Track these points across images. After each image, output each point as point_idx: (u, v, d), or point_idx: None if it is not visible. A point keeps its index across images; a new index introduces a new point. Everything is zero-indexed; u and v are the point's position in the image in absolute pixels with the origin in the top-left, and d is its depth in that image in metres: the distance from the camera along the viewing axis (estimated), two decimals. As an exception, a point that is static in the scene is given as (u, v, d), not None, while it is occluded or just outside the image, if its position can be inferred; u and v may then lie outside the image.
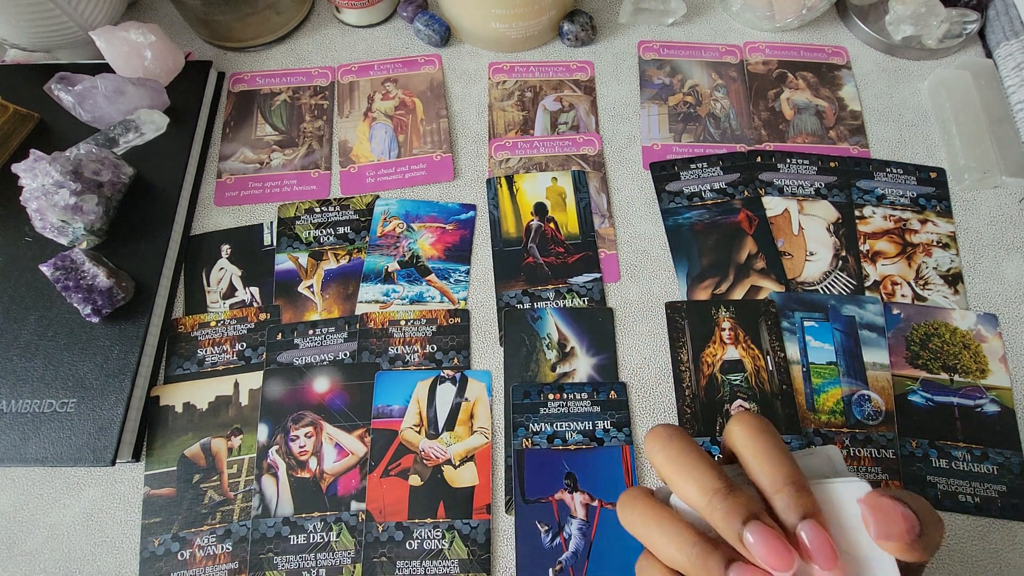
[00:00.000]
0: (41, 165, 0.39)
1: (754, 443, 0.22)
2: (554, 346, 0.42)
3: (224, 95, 0.51)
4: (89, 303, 0.38)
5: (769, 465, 0.22)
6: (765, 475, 0.21)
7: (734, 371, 0.41)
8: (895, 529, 0.20)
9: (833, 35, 0.53)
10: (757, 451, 0.22)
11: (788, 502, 0.21)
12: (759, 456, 0.22)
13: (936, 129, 0.49)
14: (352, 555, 0.37)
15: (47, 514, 0.39)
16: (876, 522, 0.20)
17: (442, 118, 0.49)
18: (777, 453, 0.22)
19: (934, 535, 0.21)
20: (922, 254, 0.44)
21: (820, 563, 0.20)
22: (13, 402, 0.38)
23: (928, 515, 0.21)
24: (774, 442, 0.22)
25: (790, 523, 0.20)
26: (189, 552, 0.37)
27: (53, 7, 0.44)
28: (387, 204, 0.46)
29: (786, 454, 0.22)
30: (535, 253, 0.44)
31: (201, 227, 0.46)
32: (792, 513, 0.20)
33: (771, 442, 0.22)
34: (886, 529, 0.20)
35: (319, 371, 0.41)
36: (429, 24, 0.51)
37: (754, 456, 0.22)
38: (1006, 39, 0.49)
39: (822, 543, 0.20)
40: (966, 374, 0.40)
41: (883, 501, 0.20)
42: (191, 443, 0.39)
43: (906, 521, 0.20)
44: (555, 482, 0.38)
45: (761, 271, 0.43)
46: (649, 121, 0.49)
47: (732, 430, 0.23)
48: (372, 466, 0.39)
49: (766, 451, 0.22)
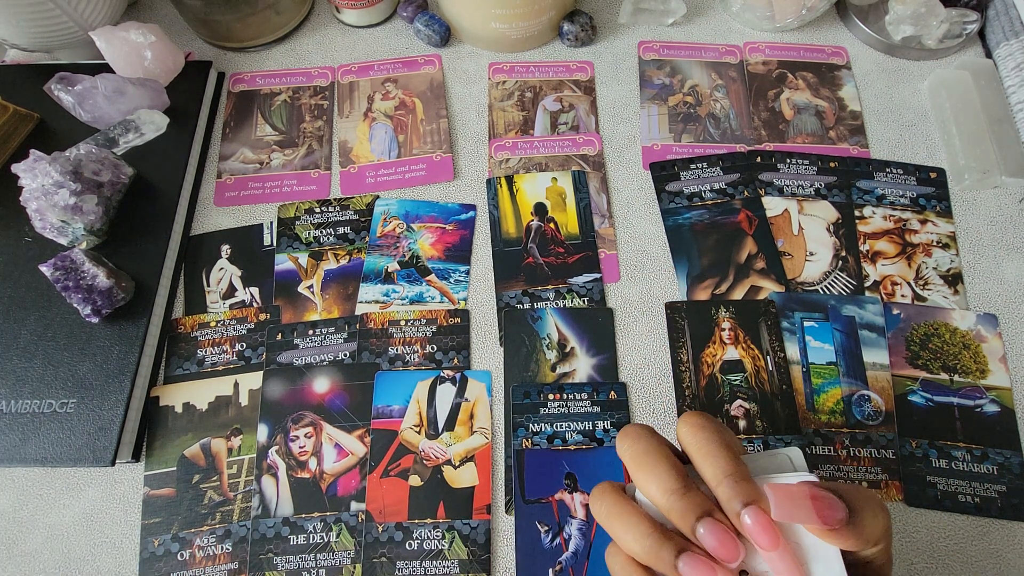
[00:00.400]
0: (41, 165, 0.39)
1: (695, 440, 0.24)
2: (554, 346, 0.42)
3: (224, 95, 0.51)
4: (89, 303, 0.38)
5: (710, 459, 0.23)
6: (706, 470, 0.23)
7: (734, 371, 0.41)
8: (800, 514, 0.21)
9: (833, 35, 0.53)
10: (699, 447, 0.23)
11: (729, 492, 0.22)
12: (700, 452, 0.23)
13: (936, 129, 0.49)
14: (352, 555, 0.37)
15: (47, 514, 0.39)
16: (776, 507, 0.21)
17: (442, 118, 0.49)
18: (716, 448, 0.23)
19: (871, 524, 0.22)
20: (922, 254, 0.44)
21: (762, 544, 0.21)
22: (13, 402, 0.38)
23: (864, 504, 0.22)
24: (714, 437, 0.23)
25: (733, 511, 0.22)
26: (189, 552, 0.37)
27: (53, 7, 0.44)
28: (387, 204, 0.46)
29: (725, 448, 0.23)
30: (535, 253, 0.44)
31: (201, 227, 0.46)
32: (734, 502, 0.22)
33: (711, 437, 0.23)
34: (790, 513, 0.21)
35: (319, 371, 0.41)
36: (429, 24, 0.51)
37: (696, 452, 0.23)
38: (1006, 39, 0.49)
39: (763, 527, 0.21)
40: (966, 374, 0.40)
41: (791, 488, 0.21)
42: (191, 443, 0.39)
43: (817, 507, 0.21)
44: (555, 482, 0.38)
45: (761, 271, 0.43)
46: (649, 121, 0.49)
47: (678, 430, 0.25)
48: (372, 466, 0.39)
49: (706, 446, 0.23)
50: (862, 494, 0.22)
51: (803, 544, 0.22)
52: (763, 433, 0.39)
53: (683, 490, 0.22)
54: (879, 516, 0.22)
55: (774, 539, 0.21)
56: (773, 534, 0.21)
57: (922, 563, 0.37)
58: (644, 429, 0.25)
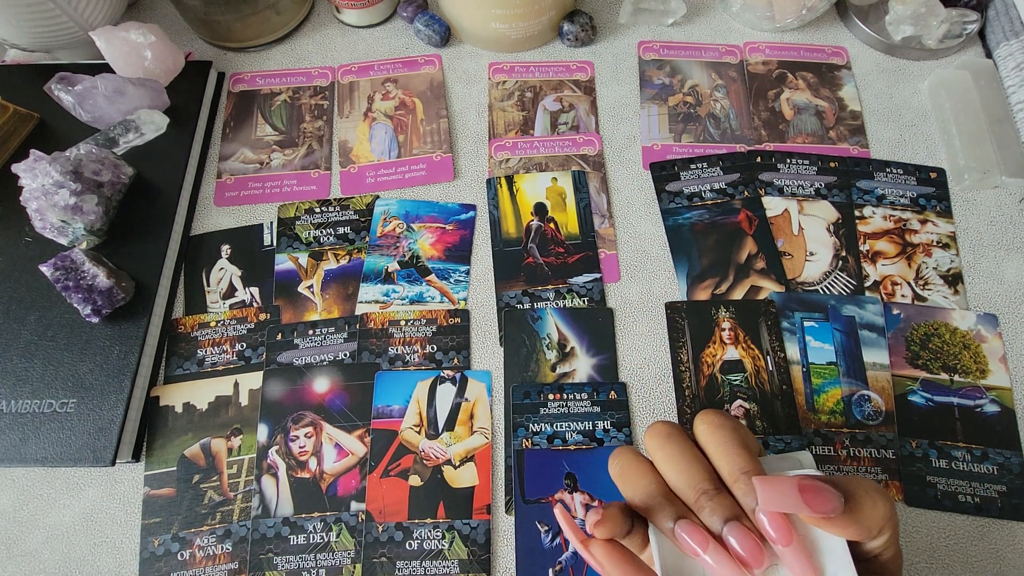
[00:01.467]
0: (41, 165, 0.39)
1: (712, 438, 0.24)
2: (554, 346, 0.42)
3: (224, 95, 0.51)
4: (89, 303, 0.38)
5: (726, 458, 0.23)
6: (723, 468, 0.23)
7: (734, 371, 0.41)
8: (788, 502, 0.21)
9: (833, 35, 0.53)
10: (716, 445, 0.24)
11: (745, 488, 0.23)
12: (718, 450, 0.24)
13: (936, 129, 0.49)
14: (352, 555, 0.37)
15: (47, 514, 0.39)
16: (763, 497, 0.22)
17: (442, 118, 0.49)
18: (733, 446, 0.24)
19: (870, 512, 0.22)
20: (922, 254, 0.44)
21: (776, 540, 0.22)
22: (13, 402, 0.38)
23: (862, 492, 0.22)
24: (731, 436, 0.24)
25: (749, 507, 0.22)
26: (189, 552, 0.37)
27: (53, 7, 0.44)
28: (387, 204, 0.46)
29: (741, 446, 0.23)
30: (535, 253, 0.44)
31: (201, 227, 0.46)
32: (749, 498, 0.22)
33: (728, 436, 0.24)
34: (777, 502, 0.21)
35: (319, 371, 0.41)
36: (429, 24, 0.51)
37: (714, 450, 0.24)
38: (1006, 39, 0.49)
39: (778, 524, 0.22)
40: (966, 374, 0.40)
41: (778, 479, 0.22)
42: (191, 443, 0.39)
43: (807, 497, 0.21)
44: (555, 482, 0.38)
45: (761, 271, 0.43)
46: (649, 121, 0.49)
47: (696, 427, 0.25)
48: (372, 466, 0.39)
49: (723, 444, 0.24)
50: (861, 483, 0.23)
51: (810, 538, 0.22)
52: (763, 433, 0.39)
53: (713, 491, 0.23)
54: (879, 504, 0.22)
55: (787, 535, 0.21)
56: (787, 530, 0.21)
57: (922, 563, 0.37)
58: (673, 428, 0.25)
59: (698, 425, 0.25)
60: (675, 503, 0.23)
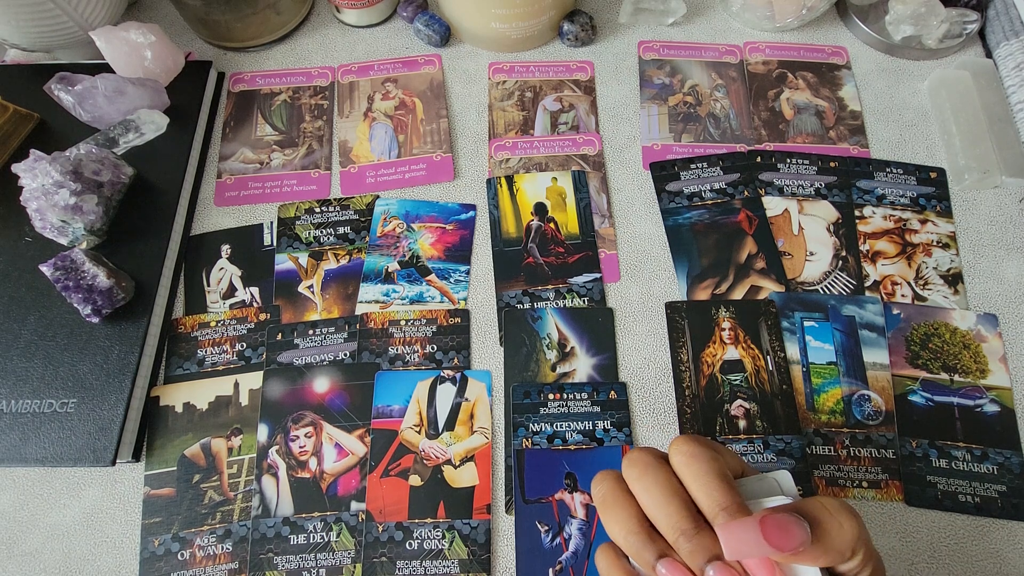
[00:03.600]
0: (41, 165, 0.39)
1: (688, 470, 0.24)
2: (554, 346, 0.42)
3: (224, 95, 0.51)
4: (89, 303, 0.38)
5: (704, 491, 0.23)
6: (702, 503, 0.23)
7: (734, 371, 0.41)
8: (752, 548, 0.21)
9: (833, 35, 0.53)
10: (693, 478, 0.23)
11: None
12: (695, 483, 0.23)
13: (936, 129, 0.49)
14: (352, 555, 0.37)
15: (47, 514, 0.39)
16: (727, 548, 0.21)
17: (442, 118, 0.49)
18: (709, 479, 0.23)
19: (838, 536, 0.21)
20: (922, 254, 0.44)
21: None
22: (13, 402, 0.38)
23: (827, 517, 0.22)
24: (707, 467, 0.23)
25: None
26: (189, 552, 0.37)
27: (53, 7, 0.44)
28: (387, 204, 0.46)
29: (718, 477, 0.23)
30: (535, 253, 0.44)
31: (201, 227, 0.46)
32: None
33: (703, 468, 0.23)
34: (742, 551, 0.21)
35: (319, 371, 0.41)
36: (429, 24, 0.51)
37: (691, 483, 0.23)
38: (1006, 39, 0.49)
39: (760, 562, 0.21)
40: (966, 374, 0.40)
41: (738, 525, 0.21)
42: (191, 443, 0.39)
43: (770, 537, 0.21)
44: (555, 482, 0.38)
45: (761, 271, 0.43)
46: (649, 121, 0.49)
47: (672, 458, 0.24)
48: (372, 466, 0.39)
49: (700, 477, 0.23)
50: (825, 504, 0.22)
51: (789, 568, 0.22)
52: (763, 433, 0.39)
53: (693, 531, 0.22)
54: (846, 526, 0.22)
55: (769, 571, 0.21)
56: (769, 567, 0.21)
57: (922, 563, 0.37)
58: (651, 459, 0.25)
59: (673, 456, 0.24)
60: (656, 541, 0.23)
